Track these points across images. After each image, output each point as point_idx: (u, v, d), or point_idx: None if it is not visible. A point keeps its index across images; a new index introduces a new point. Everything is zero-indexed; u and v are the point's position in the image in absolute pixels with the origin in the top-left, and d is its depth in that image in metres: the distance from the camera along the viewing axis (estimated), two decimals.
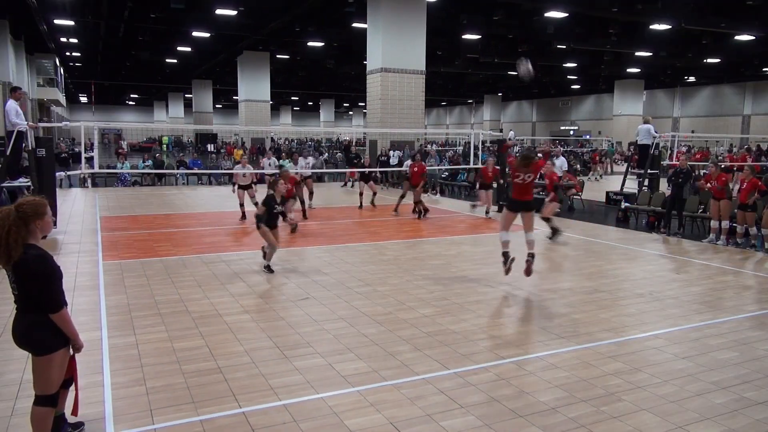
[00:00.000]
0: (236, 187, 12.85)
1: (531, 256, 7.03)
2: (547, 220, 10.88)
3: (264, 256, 8.00)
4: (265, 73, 31.95)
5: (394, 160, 20.54)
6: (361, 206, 14.99)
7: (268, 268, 7.91)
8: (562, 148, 25.96)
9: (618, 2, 19.02)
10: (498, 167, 14.08)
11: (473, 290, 7.13)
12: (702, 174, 12.72)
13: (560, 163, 15.92)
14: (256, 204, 12.02)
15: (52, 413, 3.33)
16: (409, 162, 16.11)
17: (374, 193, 15.37)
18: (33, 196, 3.26)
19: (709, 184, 10.67)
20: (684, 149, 30.03)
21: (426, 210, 13.27)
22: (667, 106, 46.14)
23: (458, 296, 6.84)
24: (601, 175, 26.64)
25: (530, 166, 7.17)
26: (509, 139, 13.22)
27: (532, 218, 7.24)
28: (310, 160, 15.95)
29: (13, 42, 26.99)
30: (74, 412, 3.59)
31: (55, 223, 10.94)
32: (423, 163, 14.02)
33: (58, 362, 3.25)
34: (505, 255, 7.19)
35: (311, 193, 14.58)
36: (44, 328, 3.18)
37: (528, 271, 7.02)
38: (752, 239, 10.09)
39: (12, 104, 10.42)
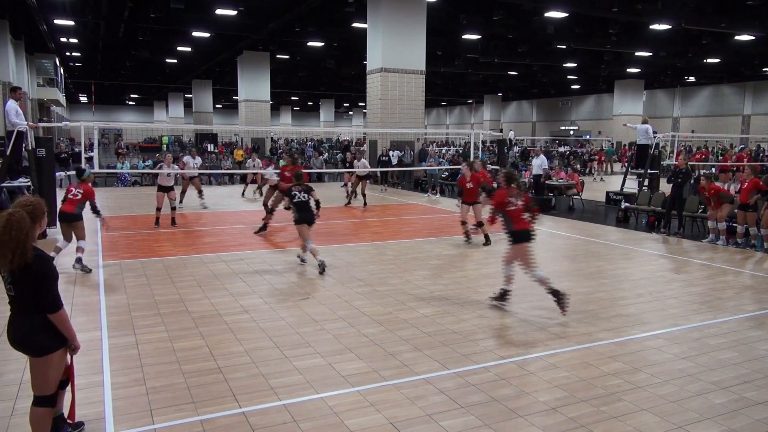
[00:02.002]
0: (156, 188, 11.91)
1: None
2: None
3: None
4: (265, 73, 31.94)
5: (393, 161, 20.55)
6: (349, 203, 15.55)
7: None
8: (542, 148, 26.11)
9: (618, 2, 19.01)
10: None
11: (473, 290, 7.13)
12: (702, 173, 12.72)
13: (540, 162, 15.95)
14: (173, 209, 11.86)
15: (52, 413, 3.34)
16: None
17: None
18: (30, 196, 3.27)
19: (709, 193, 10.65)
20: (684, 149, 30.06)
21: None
22: (667, 106, 46.14)
23: (458, 296, 6.84)
24: (601, 177, 26.65)
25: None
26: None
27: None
28: (198, 160, 15.89)
29: (13, 42, 26.98)
30: (71, 417, 3.59)
31: (55, 223, 10.95)
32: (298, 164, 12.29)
33: (56, 363, 3.25)
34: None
35: (200, 192, 14.71)
36: (42, 330, 3.18)
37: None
38: (752, 239, 10.09)
39: (12, 104, 10.43)
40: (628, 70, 33.69)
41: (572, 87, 47.15)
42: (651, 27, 22.11)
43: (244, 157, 26.27)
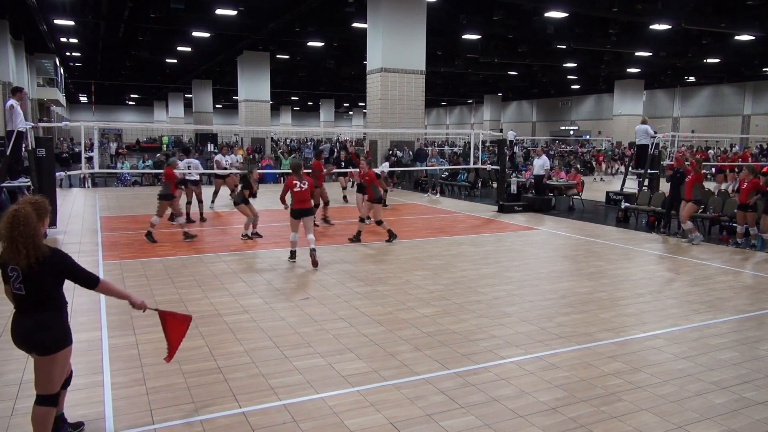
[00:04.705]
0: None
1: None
2: (378, 222, 10.43)
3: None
4: (265, 73, 31.92)
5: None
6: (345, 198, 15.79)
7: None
8: (543, 148, 26.02)
9: (618, 2, 19.01)
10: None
11: (473, 290, 7.13)
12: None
13: (542, 162, 15.94)
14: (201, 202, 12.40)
15: (53, 413, 3.34)
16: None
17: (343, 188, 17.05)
18: (33, 195, 3.31)
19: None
20: (684, 149, 30.01)
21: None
22: (667, 106, 46.13)
23: (458, 296, 6.84)
24: (601, 178, 26.61)
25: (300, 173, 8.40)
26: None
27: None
28: (231, 158, 14.87)
29: (13, 42, 26.96)
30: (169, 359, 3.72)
31: (54, 223, 10.96)
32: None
33: (62, 361, 3.26)
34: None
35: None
36: (48, 327, 3.19)
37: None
38: (752, 239, 10.09)
39: (13, 104, 10.50)
40: (628, 70, 33.68)
41: (572, 87, 47.13)
42: (651, 27, 22.10)
43: (246, 158, 26.12)
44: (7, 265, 3.14)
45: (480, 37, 25.56)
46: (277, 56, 31.77)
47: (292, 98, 59.43)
